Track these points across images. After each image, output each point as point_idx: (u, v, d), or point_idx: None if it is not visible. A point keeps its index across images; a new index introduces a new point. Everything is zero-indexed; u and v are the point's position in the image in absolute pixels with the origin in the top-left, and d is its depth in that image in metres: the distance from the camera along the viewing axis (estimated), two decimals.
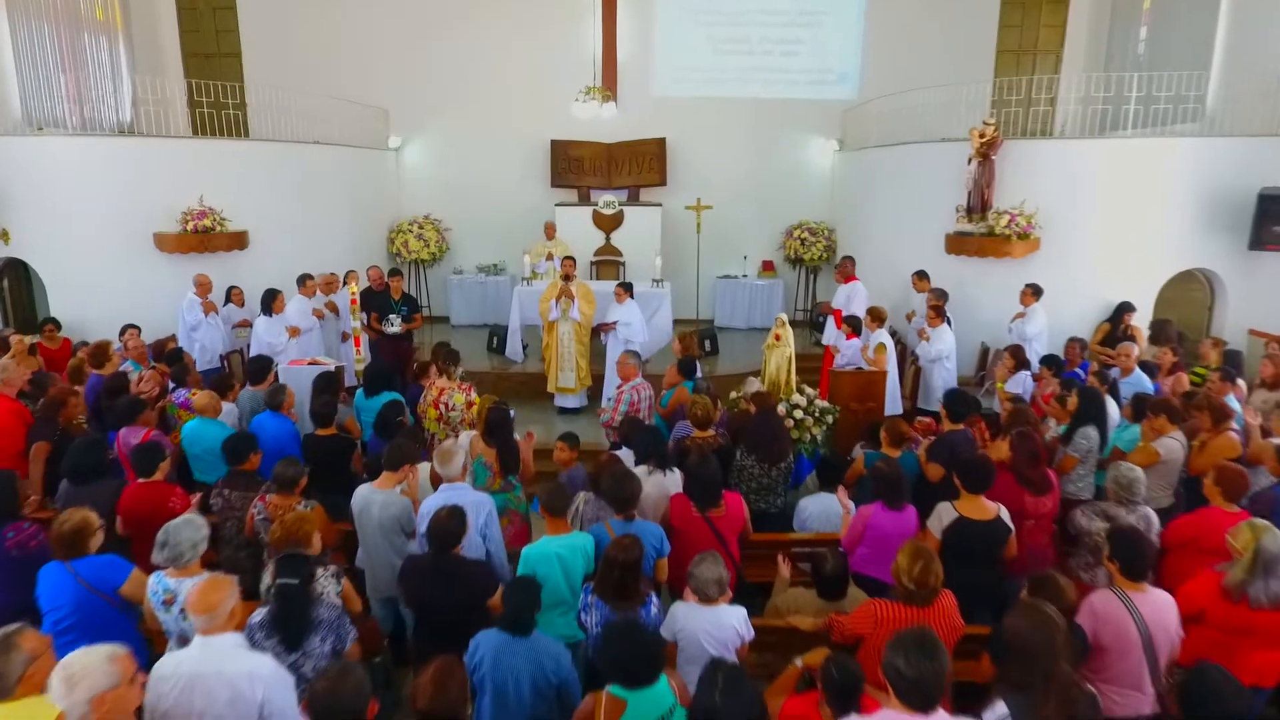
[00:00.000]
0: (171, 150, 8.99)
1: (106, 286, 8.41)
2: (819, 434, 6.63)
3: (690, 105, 12.20)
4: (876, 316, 7.31)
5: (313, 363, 6.74)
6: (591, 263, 11.58)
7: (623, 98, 11.72)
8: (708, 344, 10.26)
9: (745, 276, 12.35)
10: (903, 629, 2.79)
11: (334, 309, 8.43)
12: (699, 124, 12.17)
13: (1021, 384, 6.67)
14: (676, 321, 9.70)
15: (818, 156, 12.41)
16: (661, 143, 12.15)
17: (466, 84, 12.14)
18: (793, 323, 7.41)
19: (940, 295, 7.77)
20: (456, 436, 5.96)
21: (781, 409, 6.34)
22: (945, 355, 7.52)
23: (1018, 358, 6.79)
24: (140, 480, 4.42)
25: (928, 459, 5.22)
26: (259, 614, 3.20)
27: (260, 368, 5.95)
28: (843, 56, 12.14)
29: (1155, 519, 4.29)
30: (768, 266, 12.43)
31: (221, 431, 5.41)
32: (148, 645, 3.66)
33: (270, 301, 7.58)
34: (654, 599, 3.50)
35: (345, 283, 9.32)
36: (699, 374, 6.61)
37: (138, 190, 8.57)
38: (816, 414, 6.61)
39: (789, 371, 6.76)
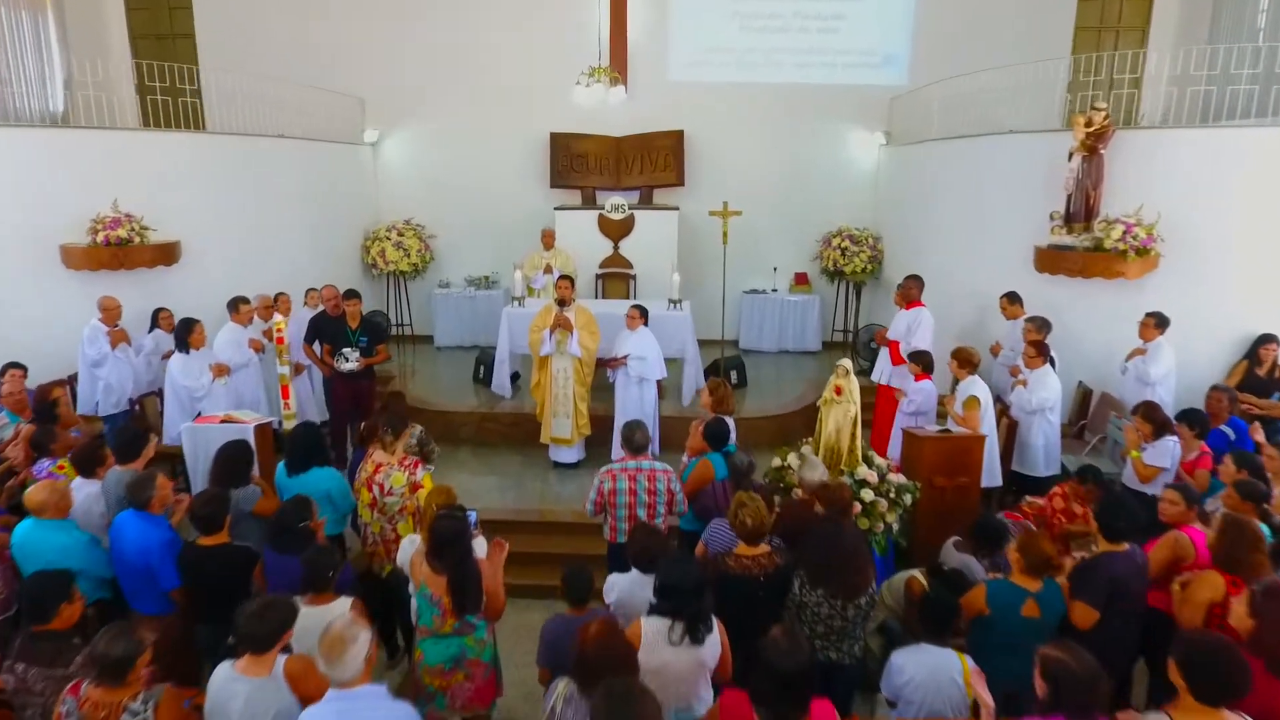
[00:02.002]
0: (98, 145, 7.41)
1: (3, 312, 6.88)
2: (894, 521, 5.00)
3: (712, 92, 10.65)
4: (965, 361, 5.60)
5: (227, 420, 5.11)
6: (597, 276, 10.05)
7: (634, 84, 10.28)
8: (734, 375, 8.59)
9: (774, 291, 10.72)
10: None
11: (270, 336, 6.85)
12: (722, 114, 10.63)
13: (1169, 455, 4.96)
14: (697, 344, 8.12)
15: (860, 152, 10.78)
16: (678, 136, 10.58)
17: (454, 69, 10.64)
18: (830, 346, 5.76)
19: (1042, 326, 6.08)
20: (395, 531, 4.38)
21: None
22: (1049, 405, 5.85)
23: (1154, 419, 5.05)
24: None
25: (1073, 593, 3.54)
26: None
27: (129, 439, 4.29)
28: (890, 36, 10.50)
29: None
30: (801, 279, 10.78)
31: (67, 541, 3.83)
32: None
33: (187, 334, 5.97)
34: None
35: (305, 303, 7.81)
36: (735, 441, 4.97)
37: (50, 193, 7.03)
38: (891, 494, 4.98)
39: (853, 435, 5.11)
